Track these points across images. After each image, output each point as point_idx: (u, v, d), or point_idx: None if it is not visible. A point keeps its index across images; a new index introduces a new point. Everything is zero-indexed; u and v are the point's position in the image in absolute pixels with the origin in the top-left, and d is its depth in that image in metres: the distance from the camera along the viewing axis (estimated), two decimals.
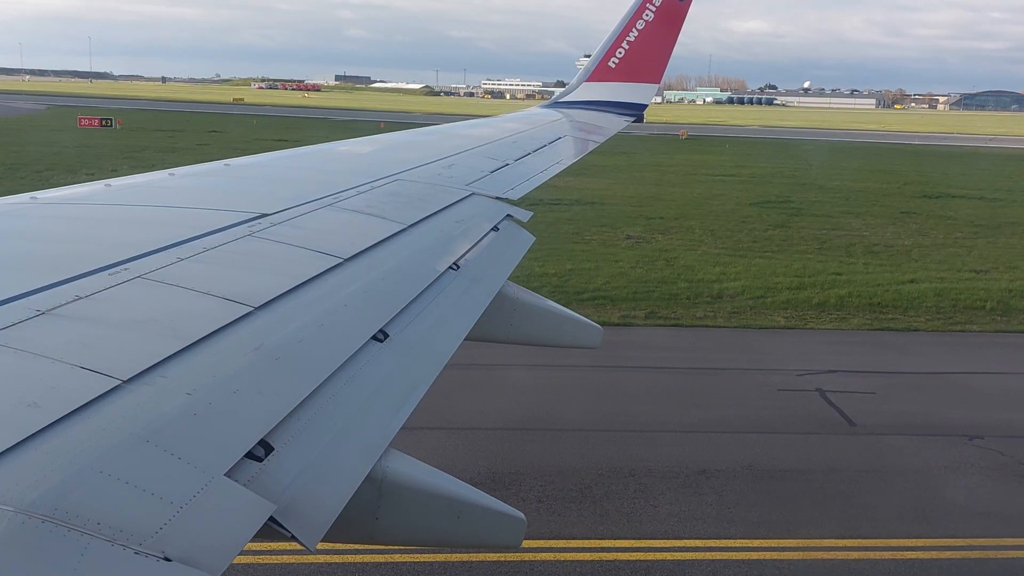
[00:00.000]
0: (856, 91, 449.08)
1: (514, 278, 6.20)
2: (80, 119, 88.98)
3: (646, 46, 15.34)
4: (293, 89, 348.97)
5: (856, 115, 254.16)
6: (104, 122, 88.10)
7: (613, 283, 26.74)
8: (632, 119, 15.80)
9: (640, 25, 15.18)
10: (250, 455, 2.70)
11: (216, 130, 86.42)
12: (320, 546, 2.73)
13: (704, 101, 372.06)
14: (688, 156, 77.55)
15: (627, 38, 15.34)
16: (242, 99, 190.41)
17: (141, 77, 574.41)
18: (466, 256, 5.62)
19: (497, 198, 7.62)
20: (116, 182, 5.89)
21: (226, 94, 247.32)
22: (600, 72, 15.74)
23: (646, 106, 16.06)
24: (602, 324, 7.22)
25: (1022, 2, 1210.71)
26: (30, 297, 3.22)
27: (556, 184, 51.23)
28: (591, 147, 13.24)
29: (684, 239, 35.11)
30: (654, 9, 15.05)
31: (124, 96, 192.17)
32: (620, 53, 15.43)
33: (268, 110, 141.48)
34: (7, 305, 3.11)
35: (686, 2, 15.19)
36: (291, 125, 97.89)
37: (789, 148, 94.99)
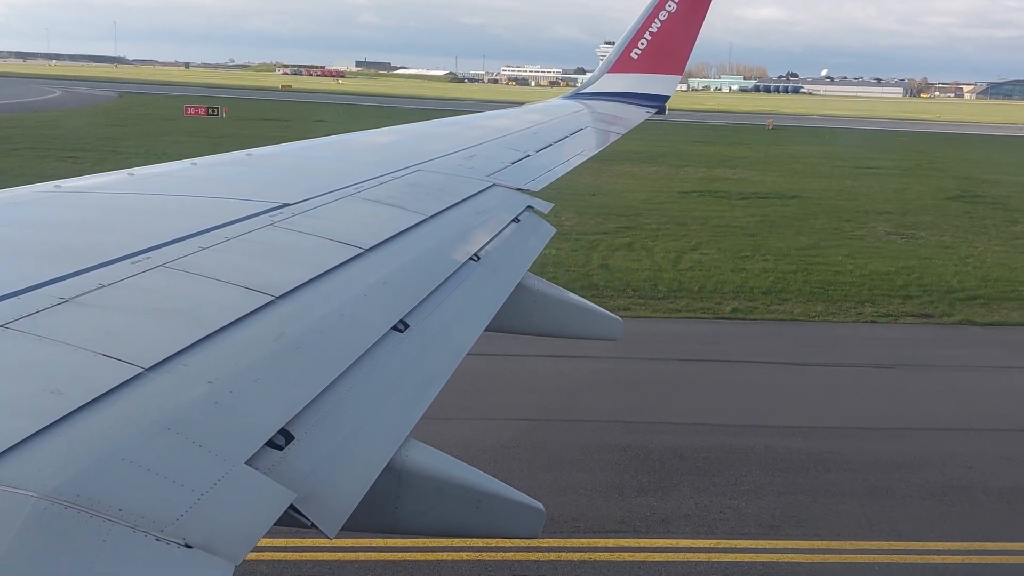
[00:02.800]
0: (878, 79, 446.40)
1: (807, 275, 5.88)
2: (187, 108, 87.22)
3: (669, 37, 15.26)
4: (318, 75, 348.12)
5: (900, 104, 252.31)
6: (211, 111, 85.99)
7: (967, 282, 26.53)
8: (655, 111, 15.72)
9: (663, 16, 15.10)
10: (271, 444, 2.71)
11: (321, 119, 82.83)
12: (338, 543, 2.76)
13: (730, 89, 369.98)
14: (807, 148, 77.04)
15: (649, 29, 15.26)
16: (290, 86, 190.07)
17: (155, 62, 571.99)
18: (487, 247, 5.62)
19: (518, 189, 7.60)
20: (139, 171, 5.94)
21: (260, 80, 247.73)
22: (622, 63, 15.67)
23: (668, 97, 15.98)
24: (1017, 325, 6.78)
25: None
26: (53, 285, 3.25)
27: (728, 177, 51.47)
28: (613, 139, 13.19)
29: (946, 235, 34.83)
30: (677, 0, 14.99)
31: (164, 82, 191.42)
32: (643, 44, 15.36)
33: (324, 97, 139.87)
34: (31, 293, 3.14)
35: None
36: (378, 114, 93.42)
37: (883, 139, 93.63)
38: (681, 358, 19.48)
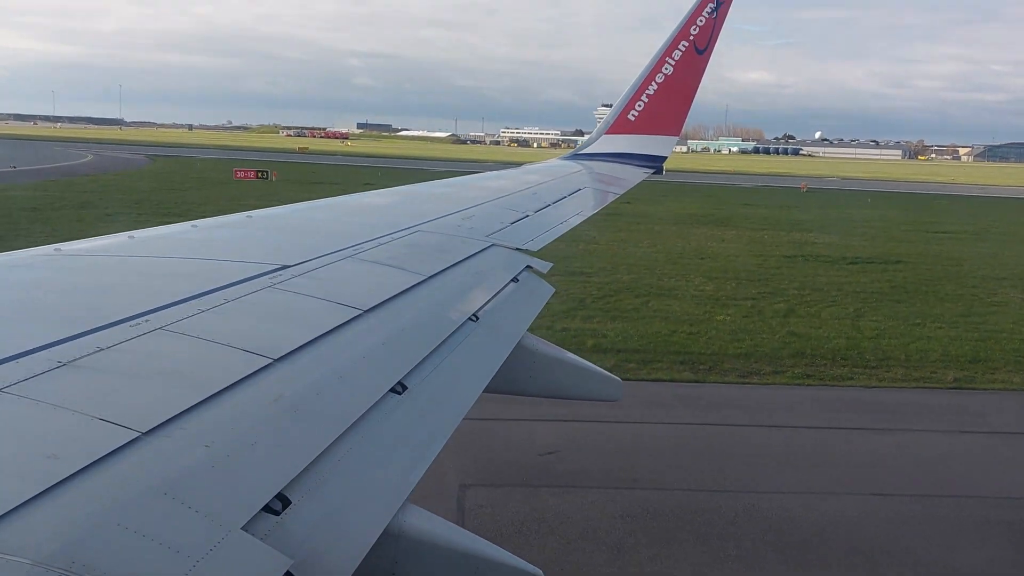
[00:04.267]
0: (875, 141, 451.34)
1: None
2: (236, 171, 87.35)
3: (666, 99, 15.48)
4: (322, 137, 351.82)
5: (906, 167, 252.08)
6: (260, 174, 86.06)
7: None
8: (652, 171, 15.88)
9: (660, 79, 15.33)
10: (267, 508, 2.69)
11: (368, 182, 79.98)
12: None
13: (730, 151, 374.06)
14: (860, 211, 76.88)
15: (647, 91, 15.48)
16: (307, 148, 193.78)
17: (153, 123, 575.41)
18: (485, 307, 5.62)
19: (517, 249, 7.63)
20: (139, 234, 5.97)
21: (271, 141, 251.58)
22: (620, 124, 15.89)
23: (665, 158, 16.17)
24: None
25: (1022, 55, 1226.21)
26: (52, 348, 3.25)
27: (812, 240, 51.70)
28: (610, 199, 13.29)
29: None
30: (673, 63, 15.21)
31: (177, 144, 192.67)
32: (640, 106, 15.57)
33: (347, 160, 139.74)
34: (30, 356, 3.14)
35: (705, 56, 15.35)
36: (415, 176, 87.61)
37: (922, 202, 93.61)
38: (965, 430, 19.06)
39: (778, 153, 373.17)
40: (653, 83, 15.41)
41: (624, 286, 32.86)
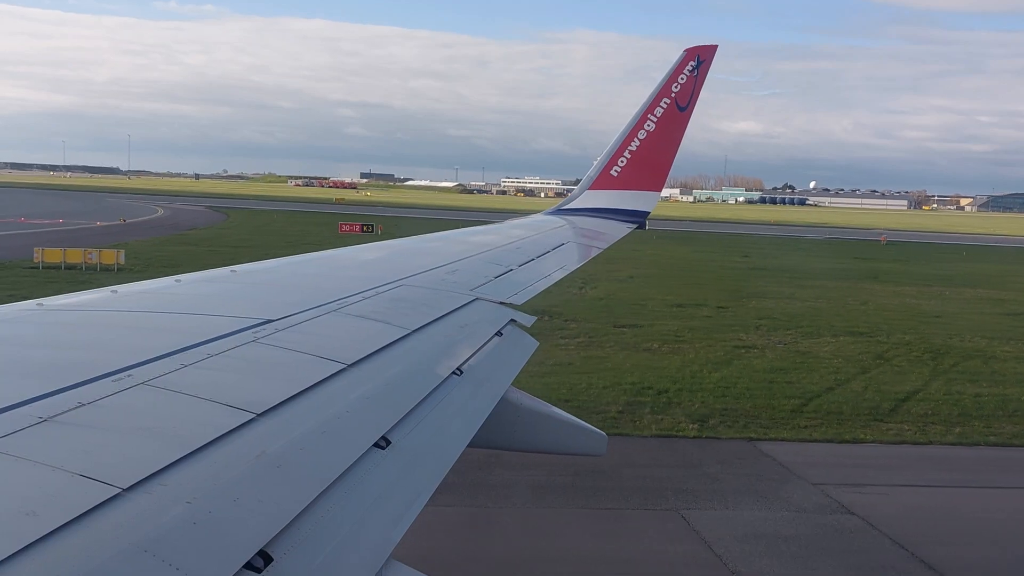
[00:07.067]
0: (874, 191, 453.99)
1: None
2: (341, 225, 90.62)
3: (648, 155, 15.64)
4: (329, 186, 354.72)
5: (930, 218, 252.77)
6: (365, 228, 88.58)
7: None
8: (635, 226, 16.00)
9: (642, 135, 15.49)
10: (249, 566, 2.66)
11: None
12: None
13: (736, 200, 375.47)
14: (982, 266, 78.78)
15: (629, 147, 15.65)
16: (343, 199, 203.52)
17: (149, 172, 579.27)
18: (469, 361, 5.61)
19: (501, 303, 7.63)
20: (123, 288, 5.97)
21: (282, 191, 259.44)
22: (603, 180, 16.03)
23: (648, 213, 16.26)
24: None
25: (1007, 106, 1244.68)
26: (33, 404, 3.24)
27: (1002, 298, 52.12)
28: (594, 253, 13.36)
29: None
30: (655, 120, 15.39)
31: (201, 193, 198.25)
32: (622, 162, 15.73)
33: (383, 210, 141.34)
34: (9, 412, 3.13)
35: (687, 112, 15.53)
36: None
37: (1017, 256, 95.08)
38: None
39: (784, 203, 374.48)
40: (635, 139, 15.58)
41: (924, 349, 33.81)
